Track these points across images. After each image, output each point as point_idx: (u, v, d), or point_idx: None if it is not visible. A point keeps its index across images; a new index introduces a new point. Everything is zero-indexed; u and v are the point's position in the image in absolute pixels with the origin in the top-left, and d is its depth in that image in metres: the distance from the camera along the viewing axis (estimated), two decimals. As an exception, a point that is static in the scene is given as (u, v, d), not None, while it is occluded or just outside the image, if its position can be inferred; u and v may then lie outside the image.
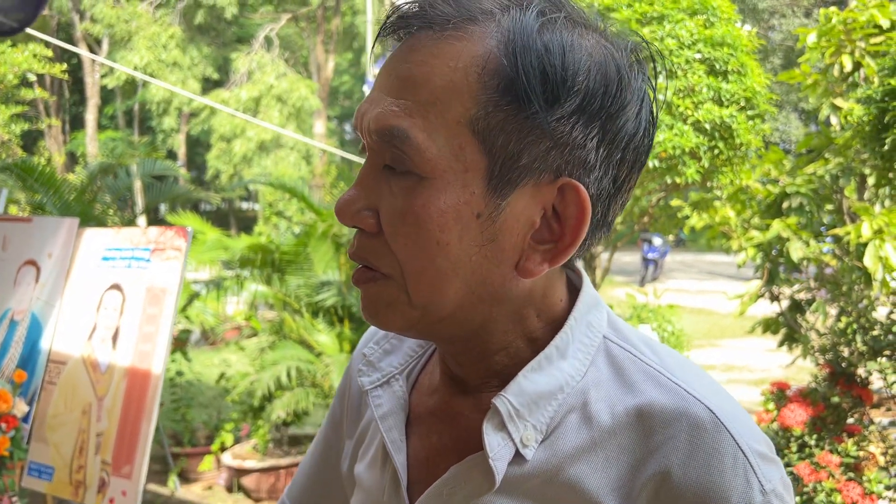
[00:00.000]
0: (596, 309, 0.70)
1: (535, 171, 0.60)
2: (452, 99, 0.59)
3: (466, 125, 0.59)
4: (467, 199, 0.60)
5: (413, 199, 0.60)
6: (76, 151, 22.56)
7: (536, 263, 0.62)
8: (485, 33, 0.59)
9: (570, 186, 0.60)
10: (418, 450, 0.72)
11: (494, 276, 0.62)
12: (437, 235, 0.60)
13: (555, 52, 0.58)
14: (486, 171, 0.59)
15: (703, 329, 10.92)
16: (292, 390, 4.87)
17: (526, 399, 0.64)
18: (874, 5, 4.79)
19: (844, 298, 3.97)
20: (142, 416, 2.52)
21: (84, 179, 5.55)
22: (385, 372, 0.77)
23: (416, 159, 0.59)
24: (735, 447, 0.60)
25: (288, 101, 19.83)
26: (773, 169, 5.73)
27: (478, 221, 0.60)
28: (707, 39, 3.62)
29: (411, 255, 0.61)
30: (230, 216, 26.42)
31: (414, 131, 0.59)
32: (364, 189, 0.63)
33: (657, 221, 5.72)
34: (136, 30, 19.83)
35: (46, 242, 2.97)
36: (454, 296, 0.62)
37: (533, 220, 0.62)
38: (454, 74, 0.59)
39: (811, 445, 3.39)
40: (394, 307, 0.64)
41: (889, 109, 3.18)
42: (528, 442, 0.64)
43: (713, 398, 0.63)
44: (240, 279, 5.62)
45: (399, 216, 0.61)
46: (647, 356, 0.67)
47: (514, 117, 0.58)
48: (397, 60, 0.62)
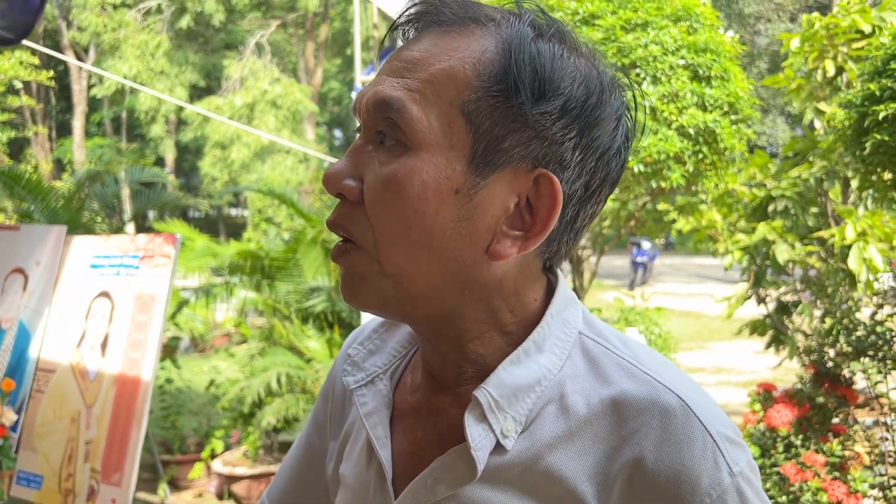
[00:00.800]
0: (571, 307, 0.73)
1: (514, 158, 0.64)
2: (448, 82, 0.64)
3: (458, 107, 0.64)
4: (448, 174, 0.64)
5: (397, 167, 0.64)
6: (63, 159, 22.44)
7: (506, 247, 0.65)
8: (485, 33, 0.65)
9: (545, 178, 0.65)
10: (402, 445, 0.75)
11: (466, 255, 0.65)
12: (415, 204, 0.63)
13: (545, 56, 0.64)
14: (470, 151, 0.64)
15: (691, 332, 10.98)
16: (282, 397, 4.87)
17: (506, 391, 0.67)
18: (856, 11, 4.86)
19: (829, 300, 4.02)
20: (131, 423, 2.52)
21: (72, 187, 5.54)
22: (369, 372, 0.79)
23: (406, 129, 0.64)
24: (704, 432, 0.63)
25: (283, 106, 19.80)
26: (759, 172, 5.79)
27: (455, 197, 0.64)
28: (690, 45, 3.66)
29: (387, 221, 0.64)
30: (219, 223, 26.33)
31: (409, 103, 0.64)
32: (352, 161, 0.67)
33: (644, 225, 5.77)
34: (123, 38, 19.75)
35: (34, 250, 2.96)
36: (426, 269, 0.65)
37: (507, 206, 0.65)
38: (452, 61, 0.64)
39: (797, 445, 3.42)
40: (367, 280, 0.67)
41: (869, 114, 3.23)
42: (508, 433, 0.67)
43: (683, 388, 0.66)
44: (229, 286, 5.61)
45: (381, 182, 0.64)
46: (620, 350, 0.70)
47: (503, 105, 0.63)
48: (403, 49, 0.68)
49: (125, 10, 20.49)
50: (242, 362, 5.50)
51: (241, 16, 23.28)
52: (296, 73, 23.93)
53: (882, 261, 4.59)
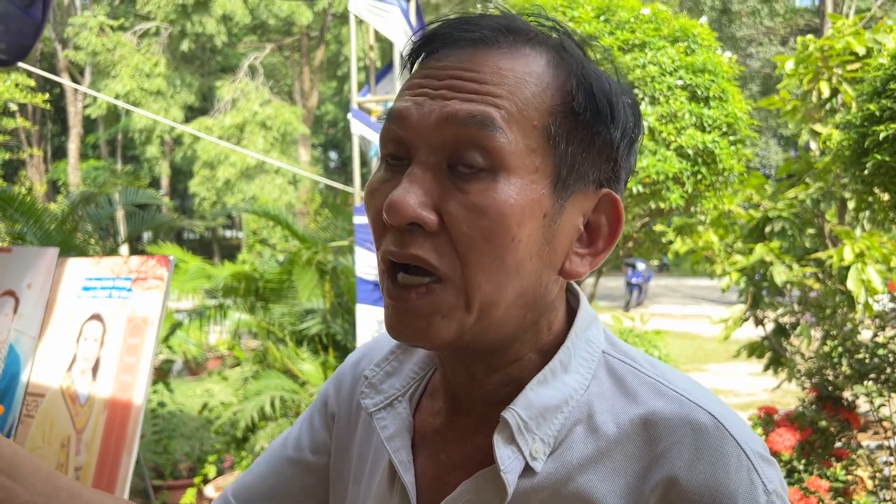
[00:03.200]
0: (594, 325, 0.73)
1: (589, 180, 0.66)
2: (528, 104, 0.63)
3: (541, 130, 0.63)
4: (538, 198, 0.63)
5: (493, 193, 0.61)
6: (58, 181, 22.42)
7: (578, 266, 0.67)
8: (541, 52, 0.65)
9: (608, 197, 0.67)
10: (426, 469, 0.74)
11: (544, 279, 0.66)
12: (514, 231, 0.62)
13: (604, 79, 0.66)
14: (554, 174, 0.64)
15: (688, 353, 10.93)
16: (276, 420, 4.81)
17: (534, 412, 0.66)
18: (850, 33, 4.89)
19: (829, 322, 3.99)
20: (122, 448, 2.46)
21: (65, 209, 5.51)
22: (388, 394, 0.78)
23: (497, 150, 0.61)
24: (738, 449, 0.62)
25: (273, 128, 19.87)
26: (755, 194, 5.79)
27: (543, 221, 0.64)
28: (688, 66, 3.66)
29: (483, 251, 0.62)
30: (213, 244, 26.27)
31: (499, 121, 0.62)
32: (421, 187, 0.62)
33: (641, 246, 5.75)
34: (119, 59, 19.83)
35: (26, 273, 2.92)
36: (511, 296, 0.64)
37: (578, 226, 0.67)
38: (527, 85, 0.63)
39: (800, 470, 3.37)
40: (450, 316, 0.63)
41: (869, 134, 3.23)
42: (536, 455, 0.66)
43: (712, 404, 0.66)
44: (223, 308, 5.56)
45: (478, 211, 0.61)
46: (646, 368, 0.70)
47: (579, 128, 0.64)
48: (454, 67, 0.64)
49: (122, 32, 20.60)
50: (236, 385, 5.43)
51: (238, 39, 23.43)
52: (291, 96, 24.03)
53: (880, 282, 4.57)
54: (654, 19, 3.84)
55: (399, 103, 0.65)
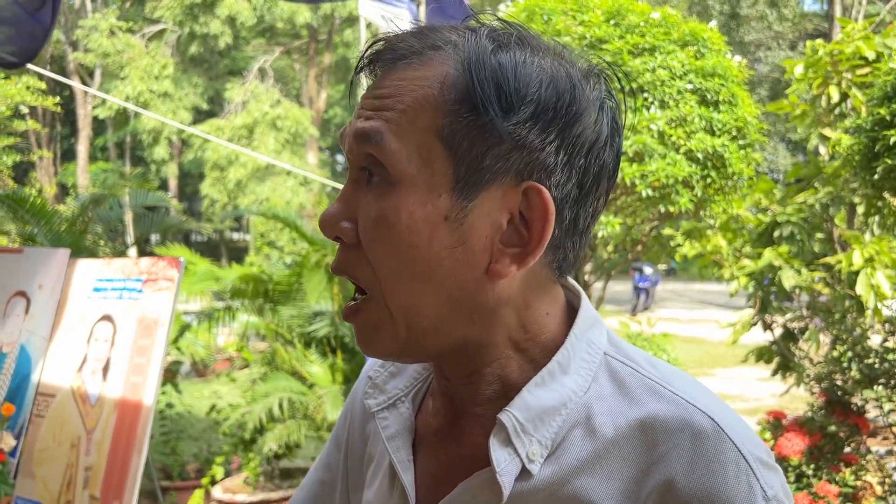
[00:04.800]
0: (596, 327, 0.72)
1: (497, 173, 0.63)
2: (420, 110, 0.64)
3: (434, 133, 0.63)
4: (435, 202, 0.63)
5: (384, 203, 0.64)
6: (67, 183, 22.53)
7: (505, 266, 0.65)
8: (445, 56, 0.65)
9: (533, 189, 0.64)
10: (426, 469, 0.74)
11: (468, 280, 0.65)
12: (407, 238, 0.63)
13: (507, 67, 0.63)
14: (453, 175, 0.63)
15: (695, 358, 10.90)
16: (284, 422, 4.81)
17: (531, 414, 0.66)
18: (860, 37, 4.88)
19: (838, 327, 3.98)
20: (132, 449, 2.47)
21: (75, 210, 5.53)
22: (391, 395, 0.78)
23: (387, 162, 0.64)
24: (737, 454, 0.62)
25: (283, 129, 19.91)
26: (764, 198, 5.78)
27: (446, 224, 0.63)
28: (698, 70, 3.66)
29: (385, 260, 0.64)
30: (221, 247, 26.34)
31: (387, 135, 0.64)
32: (345, 202, 0.67)
33: (650, 250, 5.74)
34: (128, 61, 19.93)
35: (37, 273, 2.94)
36: (431, 300, 0.65)
37: (500, 223, 0.65)
38: (421, 90, 0.64)
39: (808, 475, 3.36)
40: (381, 330, 0.67)
41: (879, 139, 3.22)
42: (534, 457, 0.65)
43: (713, 408, 0.65)
44: (231, 310, 5.57)
45: (373, 222, 0.64)
46: (647, 371, 0.69)
47: (475, 124, 0.63)
48: (373, 87, 0.68)
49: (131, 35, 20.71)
50: (244, 387, 5.44)
51: (246, 42, 23.52)
52: (299, 99, 24.10)
53: (890, 287, 4.55)
54: (663, 23, 3.84)
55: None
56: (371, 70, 0.69)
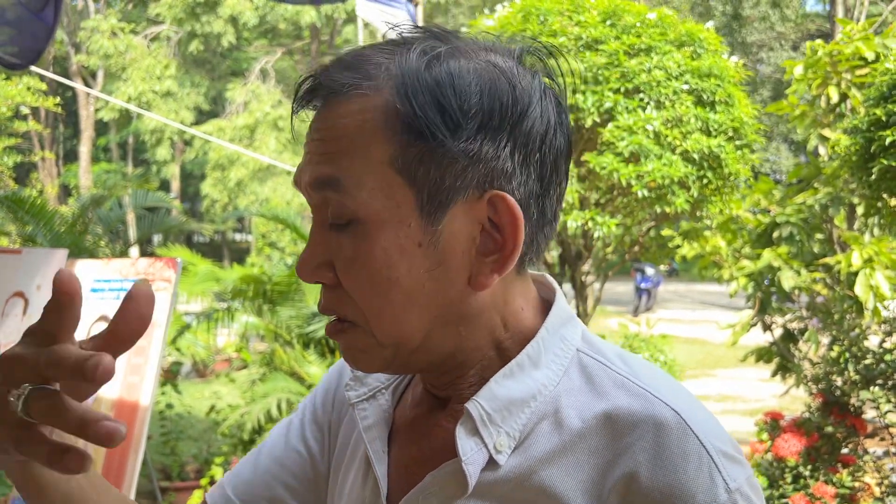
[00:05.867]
0: (570, 324, 0.73)
1: (459, 191, 0.64)
2: (369, 144, 0.63)
3: (388, 164, 0.63)
4: (406, 232, 0.64)
5: (357, 245, 0.64)
6: (69, 184, 22.57)
7: (487, 275, 0.65)
8: (381, 84, 0.64)
9: (497, 197, 0.64)
10: (399, 460, 0.75)
11: (452, 296, 0.66)
12: (386, 273, 0.64)
13: (444, 84, 0.63)
14: (416, 203, 0.64)
15: (696, 359, 10.89)
16: (283, 423, 4.82)
17: (498, 404, 0.67)
18: (859, 38, 4.87)
19: (836, 327, 3.97)
20: (128, 449, 2.48)
21: (76, 211, 5.55)
22: (372, 386, 0.79)
23: (349, 203, 0.64)
24: (700, 447, 0.62)
25: (285, 129, 19.92)
26: (763, 199, 5.77)
27: (421, 250, 0.64)
28: (694, 71, 3.67)
29: (368, 297, 0.65)
30: (223, 248, 26.37)
31: (343, 177, 0.64)
32: (317, 246, 0.67)
33: (648, 251, 5.74)
34: (130, 62, 19.97)
35: (36, 274, 2.95)
36: (418, 324, 0.66)
37: (473, 236, 0.65)
38: (365, 124, 0.64)
39: (806, 476, 3.36)
40: (368, 352, 0.68)
41: (875, 139, 3.22)
42: (501, 448, 0.66)
43: (679, 402, 0.65)
44: (231, 311, 5.59)
45: (349, 264, 0.65)
46: (617, 366, 0.70)
47: (427, 149, 0.63)
48: (314, 128, 0.67)
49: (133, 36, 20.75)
50: (243, 388, 5.45)
51: (248, 42, 23.55)
52: (301, 100, 24.08)
53: (889, 288, 4.55)
54: (660, 24, 3.84)
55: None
56: (313, 107, 0.68)
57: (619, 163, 3.64)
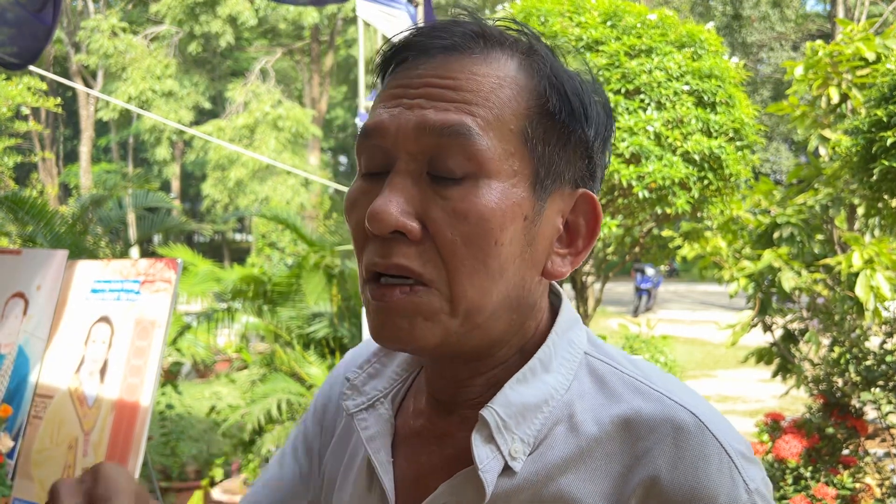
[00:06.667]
0: (576, 327, 0.73)
1: (565, 179, 0.67)
2: (504, 108, 0.63)
3: (517, 133, 0.64)
4: (519, 201, 0.64)
5: (475, 199, 0.62)
6: (70, 184, 22.57)
7: (559, 266, 0.68)
8: (509, 57, 0.66)
9: (587, 196, 0.68)
10: (405, 470, 0.73)
11: (527, 280, 0.66)
12: (496, 235, 0.62)
13: (575, 78, 0.67)
14: (533, 176, 0.64)
15: (696, 359, 10.89)
16: (283, 424, 4.82)
17: (513, 410, 0.66)
18: (859, 39, 4.87)
19: (837, 328, 3.97)
20: (129, 450, 2.48)
21: (76, 211, 5.54)
22: (370, 396, 0.77)
23: (477, 156, 0.62)
24: (720, 449, 0.62)
25: (284, 129, 19.90)
26: (764, 199, 5.76)
27: (524, 224, 0.64)
28: (695, 71, 3.66)
29: (467, 256, 0.62)
30: (223, 248, 26.36)
31: (476, 128, 0.62)
32: (403, 196, 0.62)
33: (649, 252, 5.74)
34: (130, 61, 19.96)
35: (35, 275, 2.94)
36: (496, 299, 0.65)
37: (558, 226, 0.67)
38: (500, 87, 0.64)
39: (807, 477, 3.36)
40: (434, 320, 0.63)
41: (876, 140, 3.22)
42: (516, 454, 0.65)
43: (695, 404, 0.65)
44: (231, 311, 5.58)
45: (456, 217, 0.62)
46: (628, 369, 0.69)
47: (554, 130, 0.65)
48: (428, 75, 0.64)
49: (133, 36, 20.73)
50: (243, 388, 5.45)
51: (248, 43, 23.53)
52: (301, 100, 24.11)
53: (889, 289, 4.54)
54: (660, 24, 3.84)
55: (374, 117, 0.65)
56: (412, 56, 0.66)
57: (620, 164, 3.64)
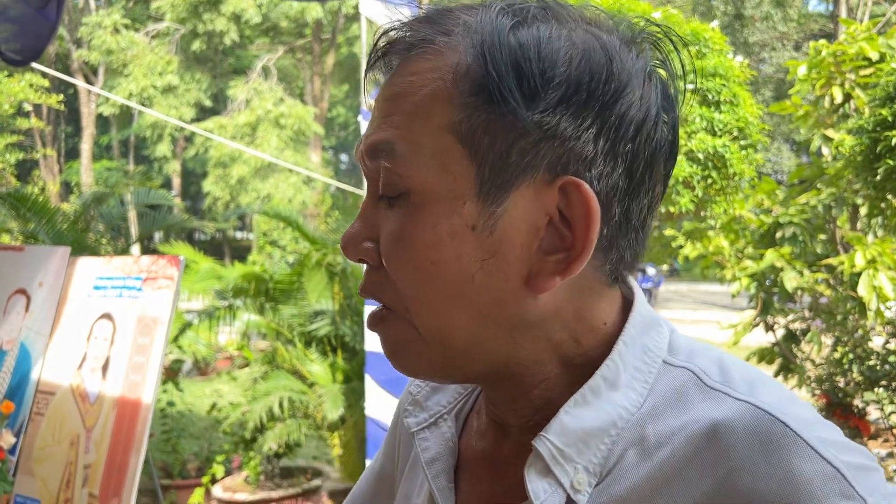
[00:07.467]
0: (653, 330, 0.63)
1: (527, 171, 0.56)
2: (433, 107, 0.56)
3: (450, 131, 0.56)
4: (459, 210, 0.56)
5: (405, 220, 0.57)
6: (71, 181, 22.59)
7: (547, 276, 0.57)
8: (457, 41, 0.57)
9: (571, 185, 0.55)
10: (468, 498, 0.67)
11: (504, 295, 0.57)
12: (430, 255, 0.56)
13: (528, 46, 0.55)
14: (476, 178, 0.56)
15: (698, 359, 10.88)
16: (284, 421, 4.82)
17: (572, 438, 0.58)
18: (863, 38, 4.86)
19: (839, 328, 3.97)
20: (131, 447, 2.47)
21: (77, 208, 5.55)
22: (433, 412, 0.72)
23: (402, 172, 0.57)
24: (820, 460, 0.52)
25: (286, 126, 19.92)
26: (766, 199, 5.76)
27: (474, 234, 0.56)
28: (699, 70, 3.66)
29: (409, 280, 0.58)
30: (224, 246, 26.38)
31: (399, 143, 0.57)
32: (365, 221, 0.61)
33: (651, 251, 5.73)
34: (131, 58, 19.97)
35: (38, 271, 2.94)
36: (463, 321, 0.58)
37: (537, 227, 0.57)
38: (432, 83, 0.57)
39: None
40: (409, 347, 0.60)
41: (881, 139, 3.21)
42: (580, 486, 0.58)
43: (783, 407, 0.55)
44: (232, 309, 5.58)
45: (393, 241, 0.58)
46: (712, 376, 0.59)
47: (496, 117, 0.55)
48: (384, 86, 0.61)
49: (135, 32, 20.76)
50: (245, 386, 5.45)
51: (250, 40, 23.54)
52: (303, 99, 24.12)
53: (892, 289, 4.53)
54: (664, 23, 3.82)
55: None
56: (386, 65, 0.61)
57: (623, 162, 3.63)
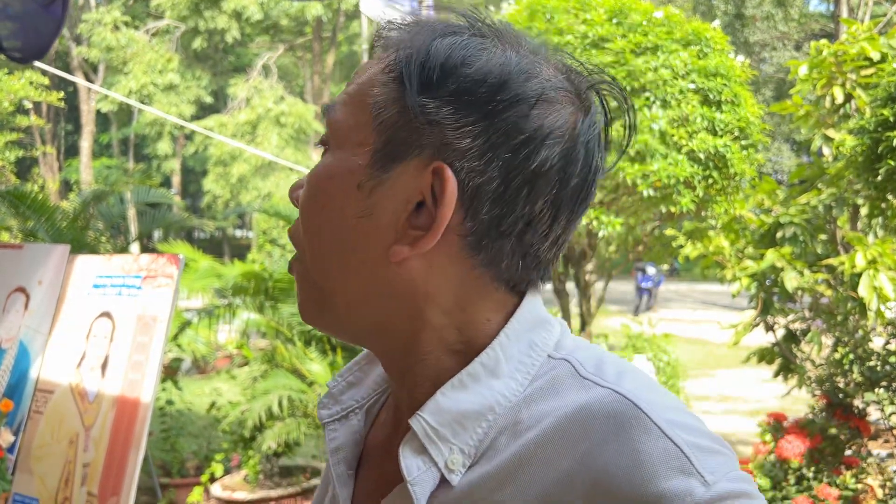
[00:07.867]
0: (542, 328, 0.66)
1: (413, 148, 0.62)
2: (366, 87, 0.65)
3: (370, 105, 0.64)
4: (353, 168, 0.64)
5: (318, 167, 0.67)
6: (70, 179, 22.59)
7: (403, 245, 0.62)
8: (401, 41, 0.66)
9: (440, 168, 0.61)
10: (366, 485, 0.70)
11: (370, 256, 0.63)
12: (322, 200, 0.65)
13: (441, 48, 0.62)
14: (373, 144, 0.63)
15: (697, 359, 10.88)
16: (284, 420, 4.81)
17: (446, 418, 0.61)
18: (864, 38, 4.85)
19: (840, 329, 3.96)
20: (130, 445, 2.47)
21: (77, 206, 5.54)
22: (345, 405, 0.74)
23: (331, 126, 0.67)
24: (665, 440, 0.55)
25: (287, 125, 19.91)
26: (767, 199, 5.75)
27: (357, 192, 0.63)
28: (701, 70, 3.66)
29: (306, 222, 0.66)
30: (224, 244, 26.38)
31: (338, 106, 0.67)
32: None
33: (651, 251, 5.73)
34: (131, 56, 19.96)
35: (37, 269, 2.94)
36: (339, 272, 0.65)
37: (408, 201, 0.62)
38: (375, 67, 0.66)
39: (809, 478, 3.35)
40: (303, 288, 0.68)
41: (882, 140, 3.20)
42: (454, 466, 0.61)
43: (639, 393, 0.59)
44: (232, 307, 5.57)
45: (307, 181, 0.67)
46: (587, 367, 0.63)
47: (398, 98, 0.63)
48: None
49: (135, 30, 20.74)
50: (244, 385, 5.44)
51: (250, 39, 23.53)
52: (303, 97, 24.12)
53: (893, 289, 4.53)
54: (666, 23, 3.82)
55: None
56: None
57: (625, 162, 3.63)
